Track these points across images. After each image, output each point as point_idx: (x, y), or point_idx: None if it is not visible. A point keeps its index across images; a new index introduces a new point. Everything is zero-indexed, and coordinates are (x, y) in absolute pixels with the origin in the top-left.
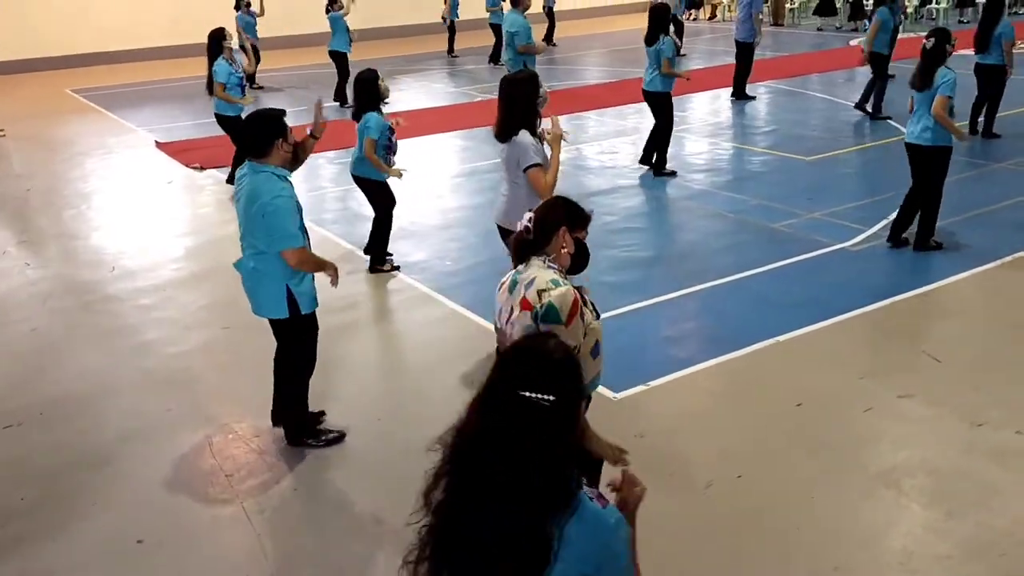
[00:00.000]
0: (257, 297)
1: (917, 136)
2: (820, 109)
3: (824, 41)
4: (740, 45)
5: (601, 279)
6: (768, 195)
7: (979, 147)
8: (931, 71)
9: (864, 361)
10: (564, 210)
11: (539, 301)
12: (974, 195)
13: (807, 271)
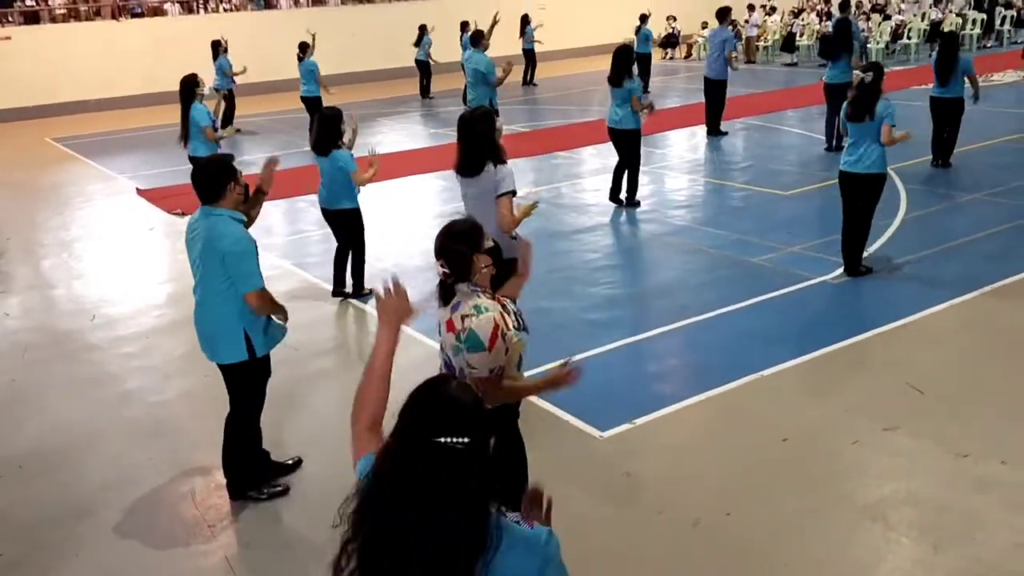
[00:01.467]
0: (214, 342)
1: (858, 166)
2: (794, 144)
3: (795, 77)
4: (713, 83)
5: (584, 316)
6: (746, 230)
7: (949, 179)
8: (872, 104)
9: (848, 394)
10: (462, 239)
11: (462, 326)
12: (947, 227)
13: (788, 305)
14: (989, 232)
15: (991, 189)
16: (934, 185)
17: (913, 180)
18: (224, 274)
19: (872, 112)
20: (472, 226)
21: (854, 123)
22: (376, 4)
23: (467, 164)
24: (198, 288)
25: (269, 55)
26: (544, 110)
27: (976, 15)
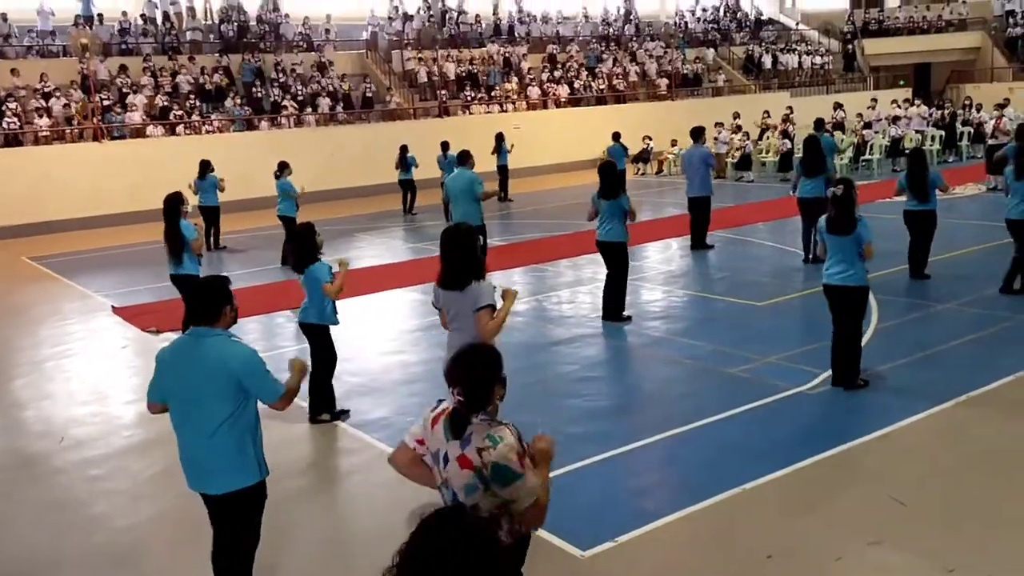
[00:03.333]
0: (216, 472)
1: (843, 278)
2: (766, 256)
3: (761, 192)
4: (699, 200)
5: (564, 430)
6: (724, 341)
7: (919, 289)
8: (852, 216)
9: (831, 508)
10: (483, 368)
11: (480, 461)
12: (919, 336)
13: (767, 416)
14: (960, 341)
15: (960, 299)
16: (905, 295)
17: (884, 290)
18: (232, 396)
19: (853, 225)
20: (492, 352)
21: (835, 236)
22: (354, 125)
23: (450, 279)
24: (187, 416)
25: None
26: (519, 224)
27: (935, 132)
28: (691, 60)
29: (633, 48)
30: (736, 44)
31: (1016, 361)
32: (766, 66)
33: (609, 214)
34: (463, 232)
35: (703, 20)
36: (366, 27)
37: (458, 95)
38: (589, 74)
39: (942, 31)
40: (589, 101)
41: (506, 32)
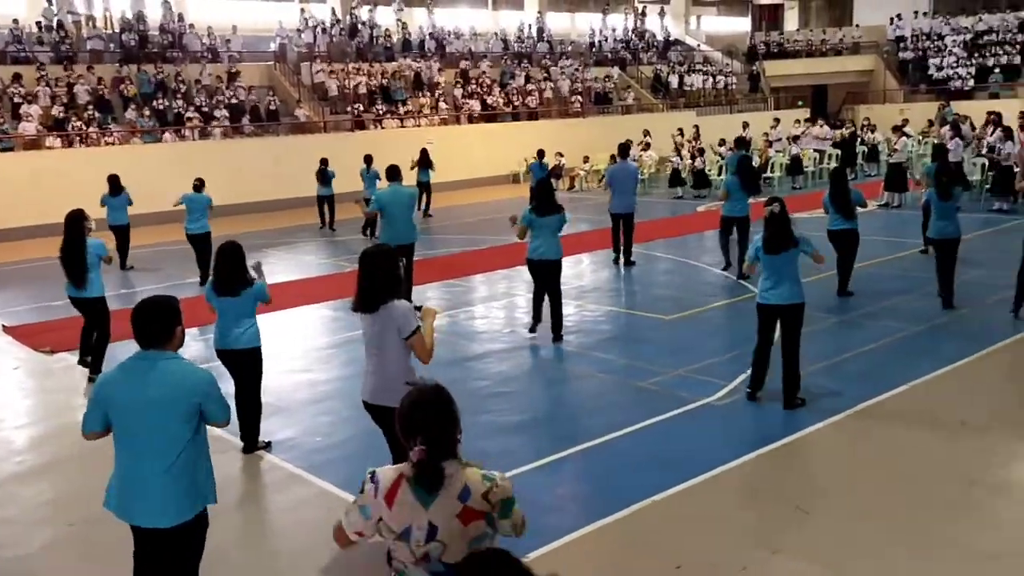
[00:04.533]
0: (171, 502)
1: (782, 297)
2: (678, 270)
3: (676, 207)
4: (625, 216)
5: (475, 445)
6: (635, 354)
7: (822, 303)
8: (788, 233)
9: (737, 517)
10: (444, 412)
11: (488, 504)
12: (821, 348)
13: (676, 428)
14: (860, 351)
15: (860, 310)
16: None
17: None
18: (192, 420)
19: (793, 241)
20: (443, 390)
21: (774, 255)
22: (262, 137)
23: (367, 300)
24: (146, 445)
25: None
26: (434, 240)
27: (832, 150)
28: (601, 78)
29: (547, 65)
30: (644, 64)
31: (912, 370)
32: (673, 86)
33: (548, 231)
34: (384, 253)
35: (612, 40)
36: (274, 39)
37: (370, 109)
38: (502, 90)
39: (838, 54)
40: (503, 117)
41: (417, 47)
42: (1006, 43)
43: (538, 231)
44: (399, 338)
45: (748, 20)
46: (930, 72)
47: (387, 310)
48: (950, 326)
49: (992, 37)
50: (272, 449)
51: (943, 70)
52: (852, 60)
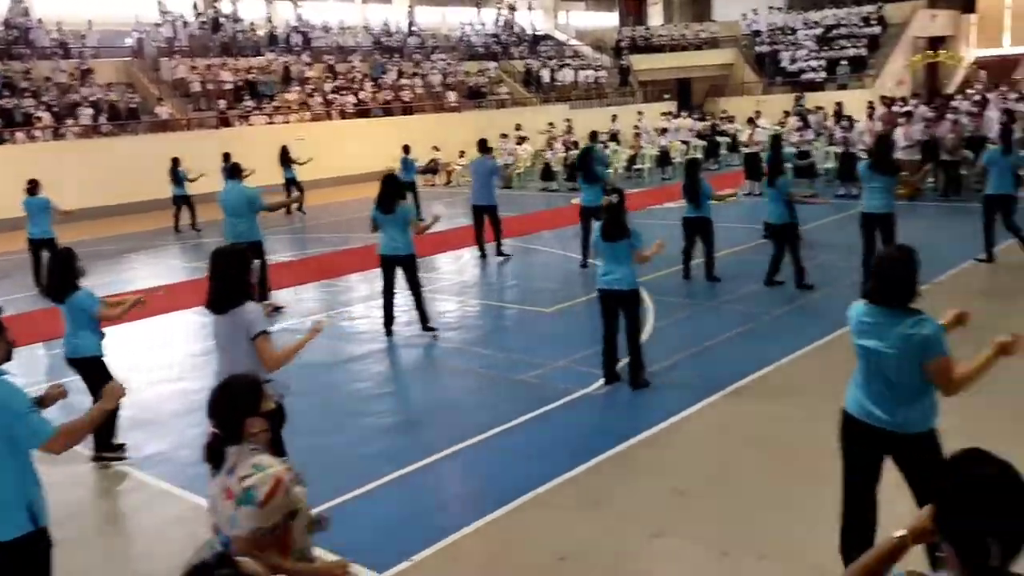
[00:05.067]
0: None
1: (617, 283)
2: (553, 263)
3: (549, 200)
4: (486, 208)
5: (356, 450)
6: (515, 348)
7: (689, 289)
8: (623, 223)
9: (618, 504)
10: (235, 400)
11: (240, 488)
12: (691, 333)
13: (557, 419)
14: (726, 336)
15: (724, 297)
16: (677, 295)
17: (659, 291)
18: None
19: (626, 231)
20: (248, 385)
21: (610, 243)
22: (121, 137)
23: (217, 301)
24: None
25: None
26: (307, 239)
27: (698, 142)
28: (474, 73)
29: (418, 59)
30: (515, 58)
31: (776, 351)
32: (545, 80)
33: (394, 226)
34: (234, 253)
35: (483, 34)
36: (131, 34)
37: (236, 105)
38: (374, 85)
39: (699, 48)
40: (375, 112)
41: (283, 41)
42: (852, 36)
43: (385, 227)
44: (246, 340)
45: (615, 15)
46: (784, 65)
47: (236, 312)
48: (809, 307)
49: (840, 31)
50: (126, 451)
51: (796, 63)
52: (713, 54)
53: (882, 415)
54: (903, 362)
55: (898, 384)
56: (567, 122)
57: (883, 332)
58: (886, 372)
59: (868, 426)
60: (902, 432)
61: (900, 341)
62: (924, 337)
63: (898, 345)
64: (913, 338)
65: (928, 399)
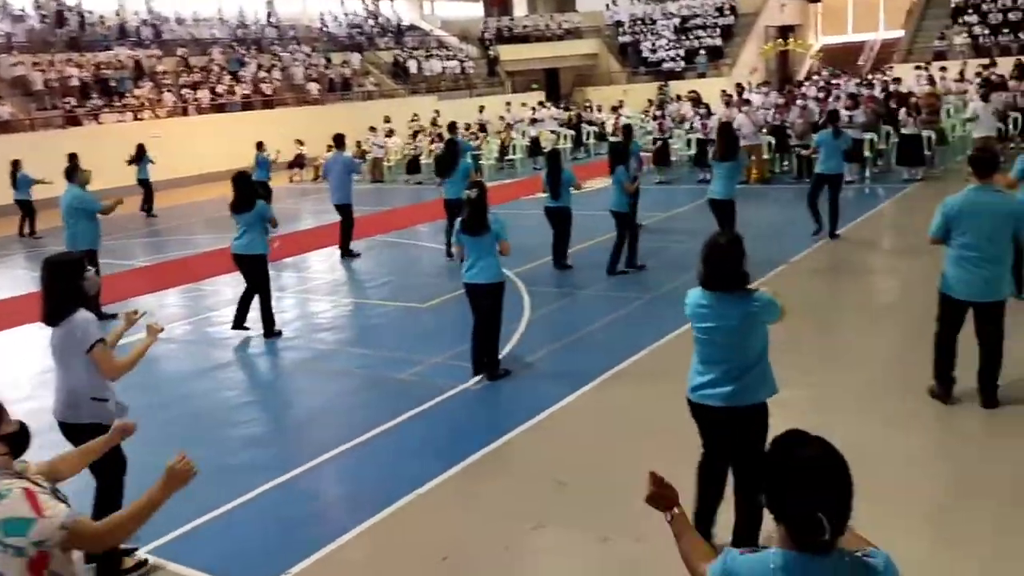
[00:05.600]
0: None
1: (480, 276)
2: (427, 257)
3: (421, 193)
4: (340, 207)
5: (225, 462)
6: (391, 346)
7: (564, 278)
8: (483, 218)
9: (499, 498)
10: None
11: None
12: (567, 322)
13: (436, 417)
14: (600, 324)
15: (599, 284)
16: (552, 285)
17: (533, 282)
18: None
19: (486, 225)
20: None
21: (471, 237)
22: None
23: (50, 313)
24: None
25: None
26: (166, 242)
27: (566, 131)
28: (338, 64)
29: (277, 51)
30: (381, 49)
31: (648, 335)
32: (412, 71)
33: (245, 225)
34: (66, 262)
35: (346, 25)
36: None
37: (84, 103)
38: (233, 79)
39: (564, 39)
40: (235, 107)
41: (134, 34)
42: (708, 26)
43: (238, 225)
44: (81, 351)
45: (480, 5)
46: (646, 55)
47: (68, 322)
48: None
49: (696, 21)
50: None
51: (657, 52)
52: (578, 44)
53: (719, 393)
54: (744, 335)
55: (734, 359)
56: (435, 113)
57: (722, 312)
58: (724, 349)
59: (707, 407)
60: (737, 406)
61: (740, 317)
62: (757, 309)
63: (739, 319)
64: (752, 311)
65: (761, 372)
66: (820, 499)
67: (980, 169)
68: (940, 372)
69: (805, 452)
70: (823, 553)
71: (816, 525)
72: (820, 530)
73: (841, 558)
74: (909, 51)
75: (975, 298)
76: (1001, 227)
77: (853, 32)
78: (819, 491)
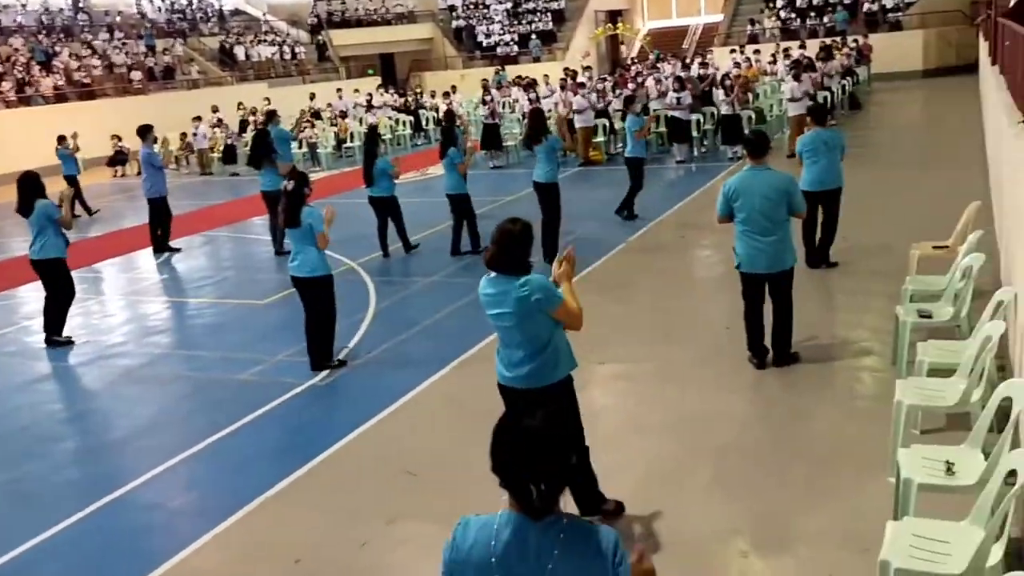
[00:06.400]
0: None
1: (302, 269)
2: (262, 251)
3: (240, 186)
4: (151, 201)
5: (57, 478)
6: (231, 346)
7: (407, 267)
8: (298, 210)
9: (352, 495)
10: None
11: None
12: (414, 311)
13: (283, 416)
14: (448, 311)
15: (443, 271)
16: (396, 274)
17: (376, 273)
18: None
19: (298, 218)
20: None
21: (289, 229)
22: None
23: None
24: None
25: None
26: None
27: (406, 118)
28: (159, 52)
29: (88, 39)
30: (206, 35)
31: None
32: (240, 57)
33: (37, 228)
34: None
35: (166, 10)
36: None
37: None
38: (42, 69)
39: (398, 23)
40: (47, 99)
41: None
42: (540, 11)
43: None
44: None
45: None
46: (481, 40)
47: None
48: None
49: (529, 5)
50: None
51: (491, 37)
52: (412, 28)
53: (518, 375)
54: (525, 321)
55: (524, 343)
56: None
57: (504, 299)
58: (513, 332)
59: (511, 389)
60: (535, 387)
61: (518, 303)
62: (540, 294)
63: (517, 307)
64: (530, 298)
65: (552, 354)
66: (532, 469)
67: (753, 151)
68: (751, 343)
69: (523, 424)
70: (539, 518)
71: (526, 492)
72: (530, 497)
73: (559, 520)
74: (728, 35)
75: (762, 270)
76: (775, 203)
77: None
78: (530, 462)
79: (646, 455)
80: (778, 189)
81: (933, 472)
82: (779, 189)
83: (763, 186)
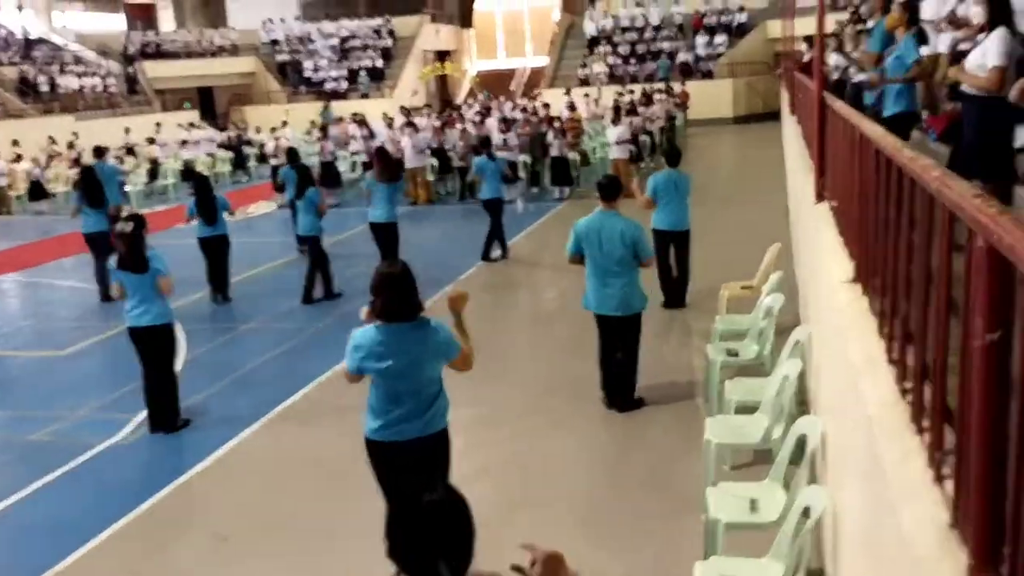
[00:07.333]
0: None
1: (144, 319)
2: (65, 298)
3: (49, 226)
4: None
5: None
6: (22, 403)
7: (226, 312)
8: (142, 254)
9: (157, 567)
10: None
11: None
12: (232, 359)
13: (80, 480)
14: (267, 358)
15: (263, 315)
16: (211, 321)
17: (190, 319)
18: None
19: (145, 263)
20: None
21: (129, 275)
22: None
23: None
24: None
25: None
26: None
27: (225, 154)
28: None
29: None
30: (5, 64)
31: (317, 367)
32: (43, 89)
33: None
34: None
35: None
36: None
37: None
38: None
39: (218, 55)
40: None
41: None
42: (368, 47)
43: None
44: None
45: (121, 17)
46: (308, 75)
47: None
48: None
49: (356, 42)
50: None
51: (319, 72)
52: (233, 62)
53: (412, 427)
54: (425, 366)
55: (422, 391)
56: (74, 136)
57: (401, 346)
58: (409, 381)
59: (395, 444)
60: (427, 435)
61: (420, 349)
62: (444, 341)
63: (418, 353)
64: (432, 343)
65: (442, 400)
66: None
67: (605, 194)
68: (604, 383)
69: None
70: None
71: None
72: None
73: None
74: (555, 77)
75: (608, 312)
76: (621, 248)
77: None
78: (442, 539)
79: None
80: (625, 235)
81: (739, 510)
82: (627, 235)
83: (612, 231)
